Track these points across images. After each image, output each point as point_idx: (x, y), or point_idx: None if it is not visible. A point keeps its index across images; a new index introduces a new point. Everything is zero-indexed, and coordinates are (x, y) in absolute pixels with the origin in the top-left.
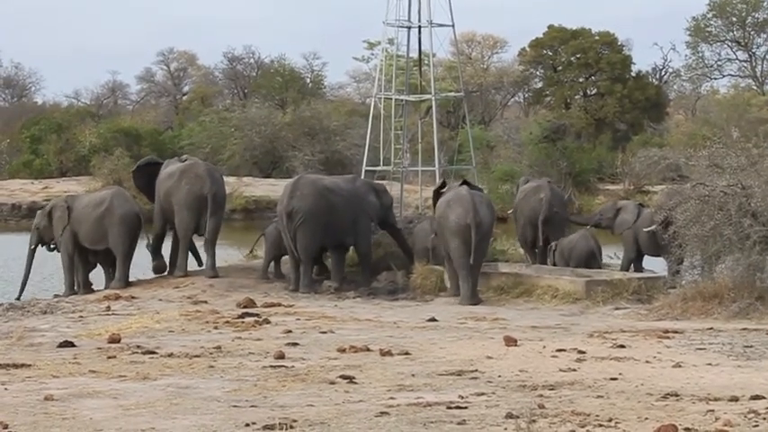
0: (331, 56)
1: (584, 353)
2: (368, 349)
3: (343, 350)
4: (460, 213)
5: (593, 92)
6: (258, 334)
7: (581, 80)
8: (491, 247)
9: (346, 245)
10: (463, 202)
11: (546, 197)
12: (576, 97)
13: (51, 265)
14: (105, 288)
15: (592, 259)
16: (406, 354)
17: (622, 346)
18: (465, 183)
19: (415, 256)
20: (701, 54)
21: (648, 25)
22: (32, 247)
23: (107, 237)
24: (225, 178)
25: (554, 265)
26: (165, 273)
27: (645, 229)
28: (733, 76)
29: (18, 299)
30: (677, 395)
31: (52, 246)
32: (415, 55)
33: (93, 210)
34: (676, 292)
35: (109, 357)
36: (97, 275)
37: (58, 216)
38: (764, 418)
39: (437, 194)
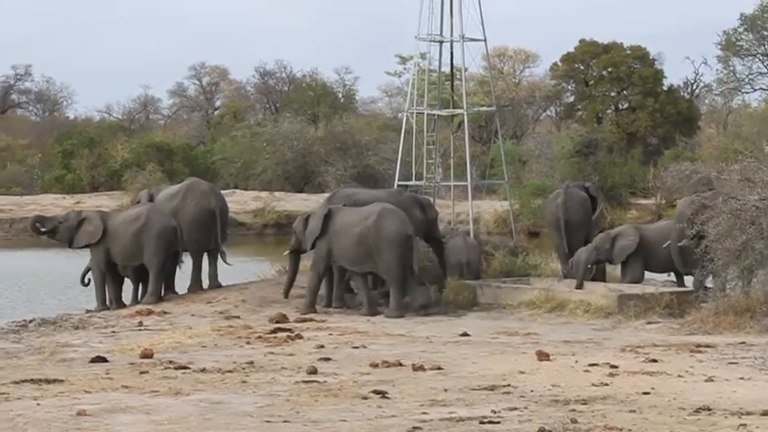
0: (363, 70)
1: (616, 367)
2: (400, 364)
3: (375, 365)
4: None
5: (625, 106)
6: (290, 349)
7: (613, 94)
8: (524, 262)
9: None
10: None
11: (561, 200)
12: (608, 111)
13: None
14: (134, 303)
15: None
16: (439, 369)
17: (654, 361)
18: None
19: (448, 270)
20: (732, 68)
21: (680, 39)
22: (43, 229)
23: (142, 253)
24: (257, 193)
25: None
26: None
27: (664, 246)
28: (764, 90)
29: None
30: (709, 409)
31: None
32: (447, 69)
33: (129, 226)
34: (708, 306)
35: (141, 373)
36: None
37: (89, 230)
38: None
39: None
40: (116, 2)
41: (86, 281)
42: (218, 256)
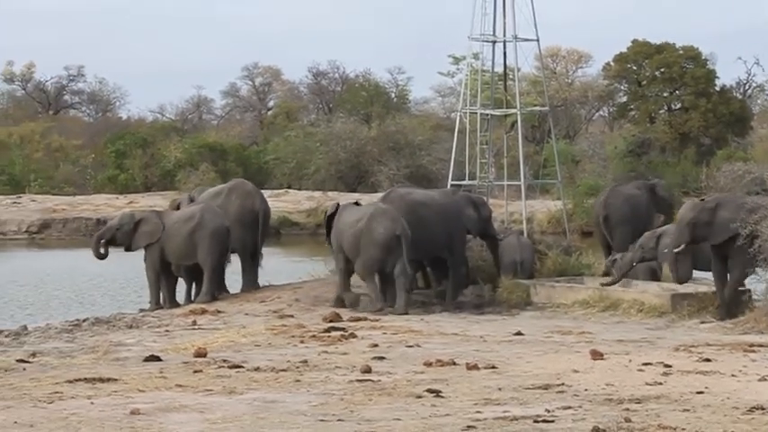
0: (416, 70)
1: (670, 366)
2: (454, 363)
3: (429, 364)
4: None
5: (678, 106)
6: (344, 348)
7: (665, 95)
8: (577, 261)
9: (441, 258)
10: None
11: (603, 197)
12: (661, 112)
13: (137, 278)
14: (188, 302)
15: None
16: (493, 367)
17: (708, 360)
18: (356, 203)
19: (502, 269)
20: None
21: (732, 39)
22: (103, 240)
23: (196, 252)
24: (310, 193)
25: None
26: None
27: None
28: None
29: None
30: (763, 408)
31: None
32: (499, 69)
33: (183, 225)
34: (762, 305)
35: (195, 372)
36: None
37: (148, 230)
38: None
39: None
40: (169, 3)
41: None
42: (257, 259)
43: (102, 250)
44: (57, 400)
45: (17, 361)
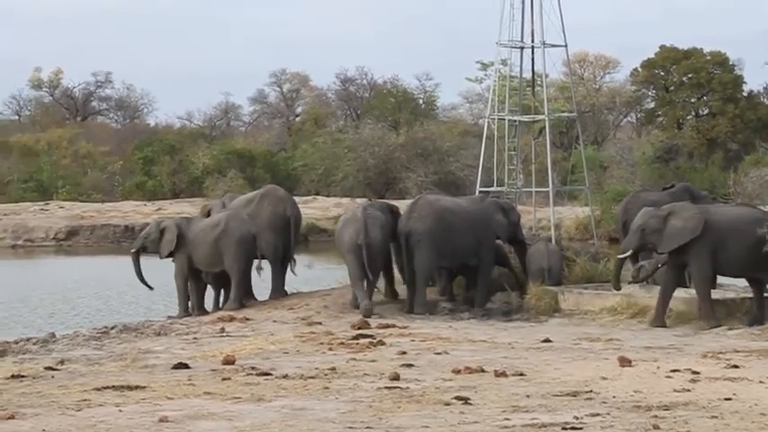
0: (443, 77)
1: (698, 373)
2: (482, 370)
3: (457, 371)
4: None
5: (705, 112)
6: (373, 355)
7: (693, 100)
8: (606, 268)
9: (469, 265)
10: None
11: (623, 203)
12: (688, 117)
13: (162, 286)
14: (216, 310)
15: None
16: (521, 375)
17: (736, 367)
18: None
19: (530, 276)
20: None
21: (760, 45)
22: (133, 250)
23: (222, 259)
24: (338, 199)
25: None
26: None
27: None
28: None
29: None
30: None
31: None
32: (527, 75)
33: (210, 232)
34: None
35: (223, 379)
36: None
37: (168, 239)
38: None
39: None
40: (197, 9)
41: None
42: (288, 265)
43: (135, 250)
44: (85, 408)
45: (45, 368)
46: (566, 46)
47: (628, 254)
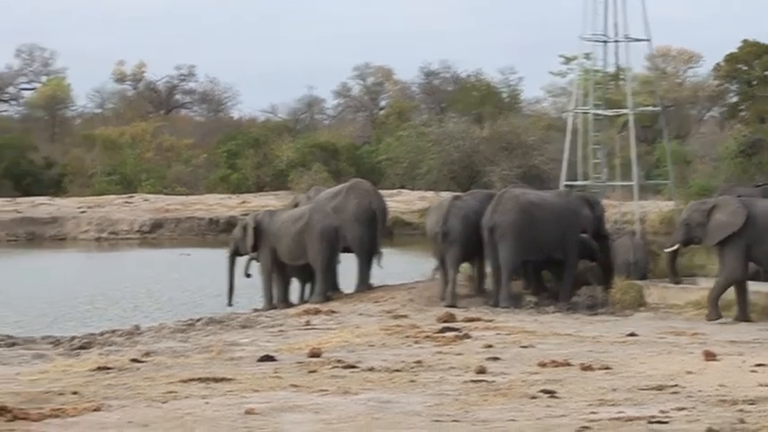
0: (527, 70)
1: None
2: (568, 364)
3: (543, 365)
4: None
5: None
6: (459, 348)
7: None
8: (690, 262)
9: (554, 259)
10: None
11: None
12: None
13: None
14: (301, 302)
15: None
16: (607, 368)
17: None
18: None
19: (615, 270)
20: None
21: None
22: (228, 255)
23: (306, 252)
24: (423, 193)
25: None
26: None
27: None
28: None
29: (229, 304)
30: None
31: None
32: (611, 69)
33: (293, 225)
34: None
35: (309, 372)
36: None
37: (247, 234)
38: None
39: None
40: (280, 3)
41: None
42: (374, 258)
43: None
44: (171, 400)
45: (131, 360)
46: (649, 40)
47: (674, 247)
